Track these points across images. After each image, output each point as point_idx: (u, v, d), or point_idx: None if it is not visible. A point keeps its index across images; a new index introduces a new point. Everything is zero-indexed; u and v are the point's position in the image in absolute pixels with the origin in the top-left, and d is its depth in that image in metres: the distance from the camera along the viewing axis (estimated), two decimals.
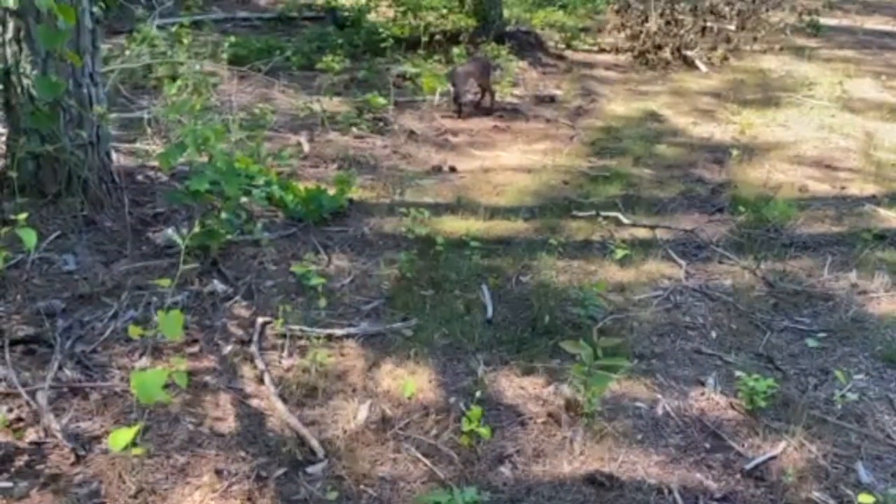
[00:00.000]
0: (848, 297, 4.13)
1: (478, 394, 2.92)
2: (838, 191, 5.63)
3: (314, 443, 2.79)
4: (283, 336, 3.41)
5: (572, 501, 2.64)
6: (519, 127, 6.92)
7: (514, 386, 3.23)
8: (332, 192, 4.72)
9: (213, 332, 3.50)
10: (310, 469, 2.71)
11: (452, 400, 3.09)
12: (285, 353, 3.33)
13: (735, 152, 6.03)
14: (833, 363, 3.52)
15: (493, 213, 4.94)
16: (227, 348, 3.38)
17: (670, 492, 2.70)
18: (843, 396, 3.24)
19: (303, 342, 3.39)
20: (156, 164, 4.87)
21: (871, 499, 2.41)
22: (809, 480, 2.79)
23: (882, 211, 5.28)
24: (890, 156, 6.33)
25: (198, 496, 2.57)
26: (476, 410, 2.78)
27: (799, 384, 3.38)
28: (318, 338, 3.35)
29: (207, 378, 3.18)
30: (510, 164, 5.97)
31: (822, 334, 3.76)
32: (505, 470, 2.76)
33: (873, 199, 5.47)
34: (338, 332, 3.49)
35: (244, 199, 4.31)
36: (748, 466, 2.84)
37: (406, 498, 2.60)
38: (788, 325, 3.85)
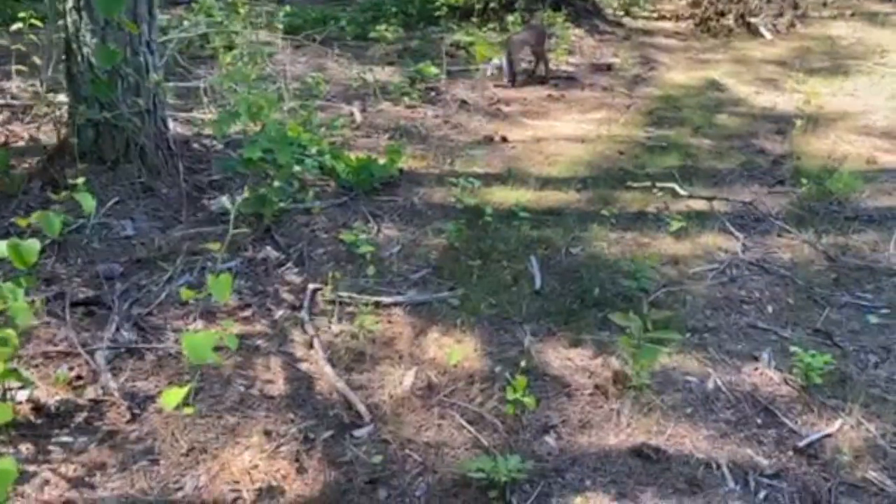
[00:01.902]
0: None
1: (523, 363, 2.90)
2: None
3: (361, 407, 2.83)
4: (333, 302, 3.45)
5: (618, 473, 2.61)
6: (574, 96, 6.79)
7: (561, 357, 3.20)
8: (382, 161, 4.73)
9: (266, 297, 3.56)
10: (356, 432, 2.74)
11: (498, 369, 3.08)
12: (334, 319, 3.37)
13: (799, 122, 5.81)
14: (895, 339, 3.38)
15: (545, 183, 4.88)
16: (279, 313, 3.43)
17: (719, 466, 2.65)
18: None
19: (351, 309, 3.42)
20: (211, 132, 4.95)
21: None
22: (866, 460, 2.70)
23: None
24: None
25: (247, 456, 2.63)
26: (521, 380, 2.77)
27: (858, 361, 3.26)
28: (367, 305, 3.37)
29: (259, 342, 3.24)
30: (564, 133, 5.88)
31: (884, 311, 3.61)
32: (550, 440, 2.75)
33: None
34: (386, 299, 3.51)
35: (296, 168, 4.34)
36: (801, 444, 2.76)
37: (450, 464, 2.61)
38: (849, 301, 3.71)
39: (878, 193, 4.88)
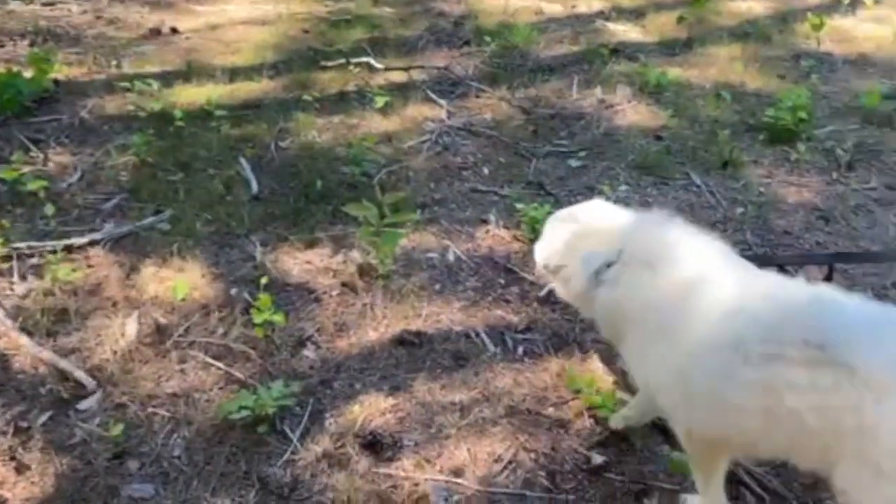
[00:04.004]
0: (597, 113, 4.30)
1: (263, 280, 2.62)
2: (570, 10, 5.77)
3: (80, 374, 2.36)
4: (9, 258, 2.80)
5: (385, 367, 2.52)
6: None
7: (300, 262, 2.97)
8: (29, 74, 3.88)
9: None
10: (81, 405, 2.30)
11: (234, 291, 2.77)
12: (16, 278, 2.75)
13: None
14: (596, 179, 3.67)
15: (234, 74, 4.42)
16: None
17: (477, 334, 2.69)
18: None
19: (36, 260, 2.81)
20: None
21: None
22: None
23: (611, 25, 5.52)
24: None
25: None
26: (264, 298, 2.51)
27: (571, 204, 3.47)
28: (55, 252, 2.79)
29: None
30: (240, 17, 5.36)
31: (581, 153, 3.89)
32: (309, 353, 2.56)
33: (602, 15, 5.70)
34: (78, 240, 2.93)
35: None
36: (542, 294, 2.89)
37: (206, 409, 2.31)
38: (551, 150, 3.93)
39: (552, 42, 5.18)
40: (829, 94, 4.51)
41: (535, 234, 3.15)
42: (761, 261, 2.17)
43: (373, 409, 2.35)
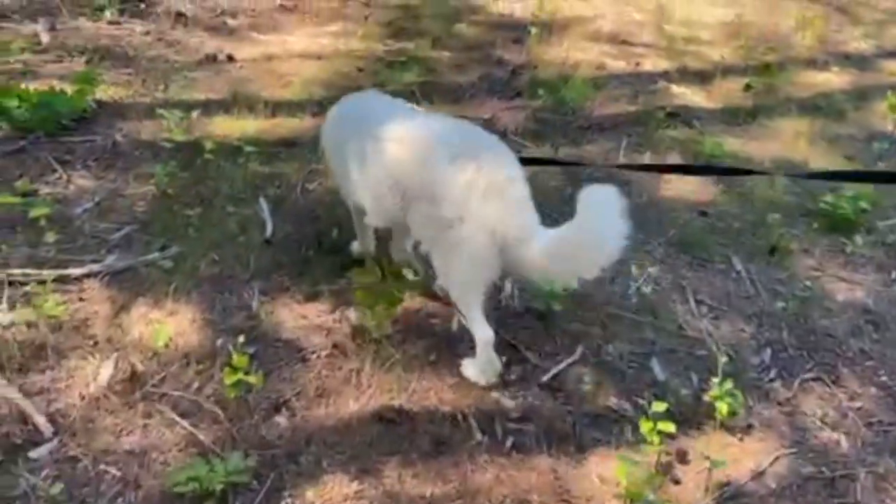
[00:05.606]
0: (642, 180, 4.06)
1: (241, 339, 2.48)
2: (633, 67, 5.55)
3: (39, 418, 2.28)
4: (2, 284, 2.76)
5: (359, 445, 2.35)
6: (308, 5, 6.21)
7: (295, 315, 2.84)
8: (71, 93, 3.91)
9: None
10: (33, 453, 2.20)
11: (220, 342, 2.65)
12: (4, 306, 2.70)
13: (534, 30, 5.76)
14: (628, 253, 3.41)
15: (276, 109, 4.37)
16: None
17: (465, 418, 2.49)
18: (638, 289, 3.16)
19: (29, 289, 2.76)
20: None
21: (664, 406, 2.32)
22: (606, 386, 2.68)
23: (674, 87, 5.27)
24: (681, 29, 6.34)
25: None
26: (241, 358, 2.37)
27: (595, 280, 3.25)
28: (46, 282, 2.73)
29: None
30: (298, 49, 5.35)
31: None
32: (281, 419, 2.41)
33: (666, 75, 5.45)
34: (75, 271, 2.88)
35: None
36: (545, 378, 2.68)
37: (158, 473, 2.18)
38: None
39: (608, 100, 4.97)
40: None
41: (548, 308, 2.95)
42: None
43: (334, 494, 2.18)
